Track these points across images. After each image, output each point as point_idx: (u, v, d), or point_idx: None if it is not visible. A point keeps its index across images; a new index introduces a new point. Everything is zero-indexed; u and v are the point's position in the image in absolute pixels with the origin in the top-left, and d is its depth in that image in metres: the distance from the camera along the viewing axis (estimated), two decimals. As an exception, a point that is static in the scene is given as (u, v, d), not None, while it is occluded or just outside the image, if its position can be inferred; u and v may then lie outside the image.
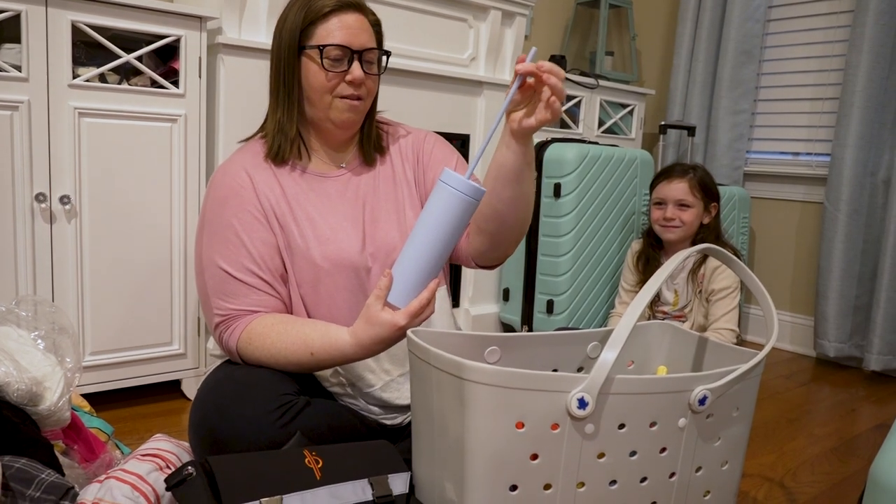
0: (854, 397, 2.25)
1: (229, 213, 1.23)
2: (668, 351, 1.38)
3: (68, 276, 1.61)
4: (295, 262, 1.26)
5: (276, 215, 1.26)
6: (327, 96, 1.24)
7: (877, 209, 2.52)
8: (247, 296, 1.22)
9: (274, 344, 1.19)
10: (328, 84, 1.22)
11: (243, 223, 1.23)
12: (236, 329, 1.22)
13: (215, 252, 1.23)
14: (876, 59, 2.44)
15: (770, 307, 1.18)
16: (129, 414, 1.72)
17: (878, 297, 2.43)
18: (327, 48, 1.20)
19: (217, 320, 1.23)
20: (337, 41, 1.21)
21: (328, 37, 1.21)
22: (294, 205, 1.27)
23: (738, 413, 1.13)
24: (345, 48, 1.21)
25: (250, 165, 1.27)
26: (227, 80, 1.76)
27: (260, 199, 1.25)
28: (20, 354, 1.20)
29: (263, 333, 1.20)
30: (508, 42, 2.39)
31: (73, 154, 1.58)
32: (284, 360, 1.19)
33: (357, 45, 1.22)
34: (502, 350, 1.23)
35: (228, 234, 1.23)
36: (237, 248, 1.22)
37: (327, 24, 1.22)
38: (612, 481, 1.02)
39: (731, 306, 1.98)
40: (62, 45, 1.54)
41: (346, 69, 1.22)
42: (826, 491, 1.54)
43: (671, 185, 2.06)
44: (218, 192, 1.26)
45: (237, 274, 1.21)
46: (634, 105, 2.91)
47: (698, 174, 2.07)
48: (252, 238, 1.23)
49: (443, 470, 1.03)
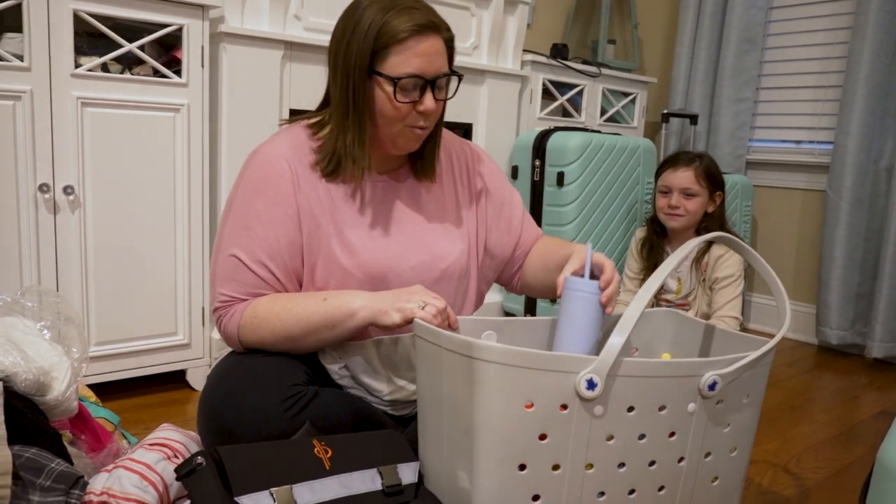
0: (856, 384, 2.26)
1: (260, 203, 1.19)
2: (672, 338, 1.38)
3: (72, 267, 1.61)
4: (327, 266, 1.22)
5: (312, 214, 1.21)
6: (398, 125, 1.17)
7: (879, 197, 2.52)
8: (253, 286, 1.20)
9: (284, 314, 1.16)
10: (398, 114, 1.15)
11: (271, 216, 1.19)
12: (237, 313, 1.19)
13: (234, 238, 1.20)
14: (879, 47, 2.43)
15: (783, 295, 1.18)
16: (133, 404, 1.72)
17: (881, 284, 2.43)
18: (402, 81, 1.12)
19: (217, 304, 1.21)
20: (412, 71, 1.12)
21: (403, 64, 1.12)
22: (335, 207, 1.22)
23: (748, 400, 1.13)
24: (419, 78, 1.13)
25: (294, 157, 1.21)
26: (229, 69, 1.76)
27: (297, 195, 1.20)
28: (27, 345, 1.20)
29: (270, 306, 1.17)
30: (511, 30, 2.38)
31: (77, 144, 1.57)
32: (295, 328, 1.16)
33: (431, 73, 1.14)
34: (498, 334, 1.23)
35: (254, 222, 1.19)
36: (259, 240, 1.18)
37: (404, 50, 1.12)
38: (621, 464, 1.03)
39: (734, 294, 1.98)
40: (64, 35, 1.53)
41: (418, 99, 1.15)
42: (830, 477, 1.54)
43: (677, 173, 2.04)
44: (253, 176, 1.20)
45: (251, 264, 1.19)
46: (636, 93, 2.90)
47: (704, 163, 2.05)
48: (276, 233, 1.19)
49: (452, 455, 1.03)
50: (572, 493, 1.00)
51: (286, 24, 1.86)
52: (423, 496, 1.10)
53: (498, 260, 1.39)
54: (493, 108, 2.36)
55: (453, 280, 1.29)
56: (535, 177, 2.32)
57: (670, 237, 2.12)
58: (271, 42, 1.81)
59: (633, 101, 2.91)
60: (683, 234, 2.08)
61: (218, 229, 1.26)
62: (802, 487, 1.49)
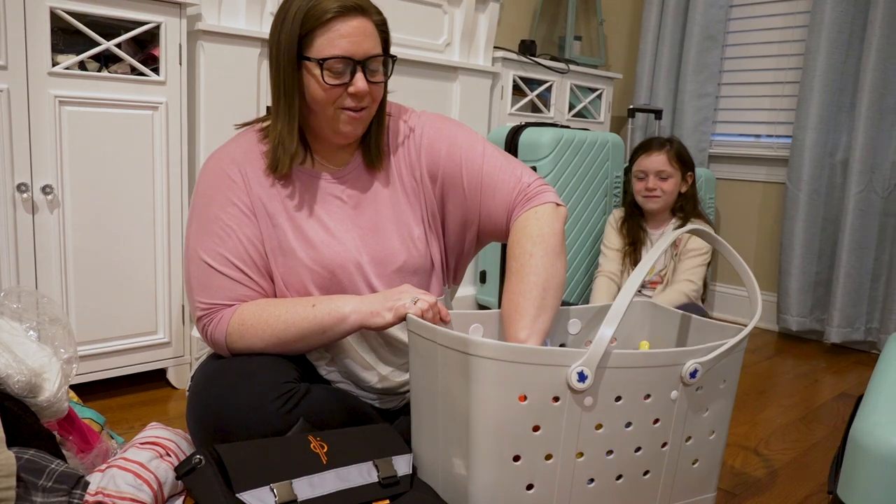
0: (816, 369, 2.36)
1: (216, 207, 1.22)
2: (651, 329, 1.43)
3: (52, 267, 1.59)
4: (287, 263, 1.24)
5: (267, 213, 1.23)
6: (329, 108, 1.18)
7: (835, 189, 2.63)
8: (230, 289, 1.21)
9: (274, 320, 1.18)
10: (329, 97, 1.16)
11: (230, 216, 1.21)
12: (222, 320, 1.21)
13: (200, 245, 1.22)
14: (834, 45, 2.53)
15: (754, 285, 1.24)
16: (115, 404, 1.72)
17: (838, 272, 2.54)
18: (328, 62, 1.13)
19: (199, 314, 1.23)
20: (338, 52, 1.13)
21: (329, 47, 1.13)
22: (289, 205, 1.25)
23: (725, 386, 1.19)
24: (347, 59, 1.13)
25: (244, 159, 1.24)
26: (207, 66, 1.75)
27: (251, 195, 1.23)
28: (15, 346, 1.19)
29: (257, 313, 1.19)
30: (482, 28, 2.42)
31: (55, 143, 1.56)
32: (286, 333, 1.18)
33: (360, 54, 1.14)
34: (484, 327, 1.27)
35: (214, 227, 1.21)
36: (222, 242, 1.21)
37: (328, 32, 1.12)
38: (609, 451, 1.08)
39: (697, 263, 2.12)
40: (41, 33, 1.51)
41: (349, 81, 1.15)
42: (797, 457, 1.62)
43: (651, 157, 2.20)
44: (207, 182, 1.24)
45: (220, 268, 1.21)
46: (603, 89, 2.97)
47: (675, 146, 2.21)
48: (238, 233, 1.21)
49: (447, 445, 1.06)
50: (564, 481, 1.05)
51: (263, 21, 1.86)
52: (418, 486, 1.13)
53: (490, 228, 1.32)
54: (466, 104, 2.39)
55: (414, 270, 1.31)
56: (508, 172, 2.36)
57: (648, 218, 2.27)
58: (248, 39, 1.81)
59: (600, 97, 2.98)
60: (661, 215, 2.24)
61: (185, 237, 1.28)
62: (772, 468, 1.56)
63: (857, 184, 2.49)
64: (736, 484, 1.47)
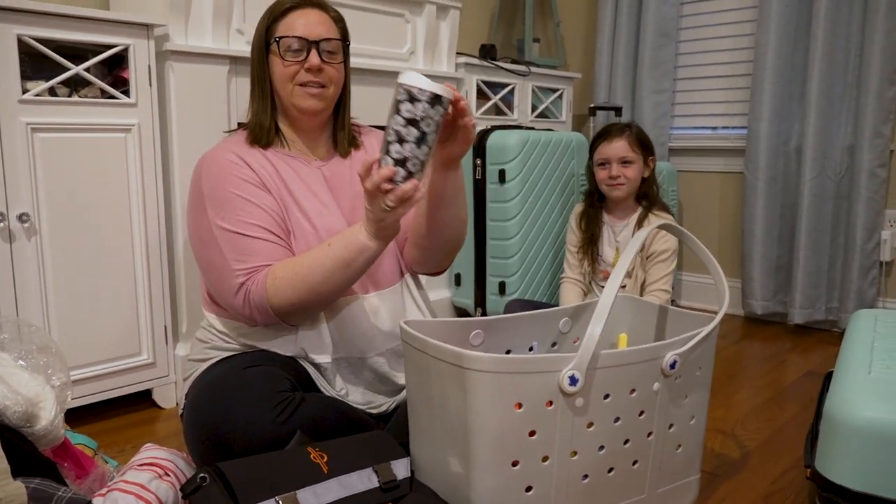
0: (782, 350, 2.46)
1: (229, 186, 1.28)
2: (630, 322, 1.49)
3: (31, 295, 1.59)
4: (295, 227, 1.32)
5: (269, 189, 1.32)
6: (289, 84, 1.33)
7: (791, 175, 2.73)
8: (264, 251, 1.27)
9: (299, 266, 1.23)
10: (287, 72, 1.32)
11: (244, 190, 1.29)
12: (258, 281, 1.24)
13: (223, 219, 1.27)
14: (782, 38, 2.64)
15: (720, 276, 1.30)
16: (103, 427, 1.72)
17: (797, 255, 2.64)
18: (284, 39, 1.32)
19: (240, 280, 1.25)
20: (294, 32, 1.32)
21: (287, 29, 1.32)
22: (287, 181, 1.34)
23: (701, 372, 1.25)
24: (302, 39, 1.31)
25: (238, 149, 1.34)
26: (177, 86, 1.76)
27: (255, 171, 1.31)
28: (8, 376, 1.19)
29: (285, 265, 1.24)
30: (444, 35, 2.46)
31: (29, 170, 1.56)
32: (311, 273, 1.22)
33: (314, 35, 1.32)
34: (485, 332, 1.32)
35: (233, 201, 1.28)
36: (245, 212, 1.27)
37: (287, 19, 1.33)
38: (601, 447, 1.13)
39: (667, 270, 2.09)
40: (9, 61, 1.50)
41: (305, 58, 1.32)
42: (772, 435, 1.70)
43: (612, 144, 2.12)
44: (211, 171, 1.30)
45: (250, 232, 1.26)
46: (563, 89, 3.03)
47: (634, 130, 2.15)
48: (257, 201, 1.28)
49: (447, 451, 1.10)
50: (560, 481, 1.10)
51: (230, 39, 1.87)
52: (418, 487, 1.17)
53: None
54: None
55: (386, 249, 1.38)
56: (477, 175, 2.41)
57: (611, 206, 2.20)
58: (216, 58, 1.82)
59: (561, 97, 3.04)
60: (625, 202, 2.17)
61: (191, 228, 1.33)
62: (749, 447, 1.63)
63: (811, 170, 2.60)
64: (717, 465, 1.54)
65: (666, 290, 2.09)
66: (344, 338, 1.34)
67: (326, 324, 1.33)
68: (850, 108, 2.58)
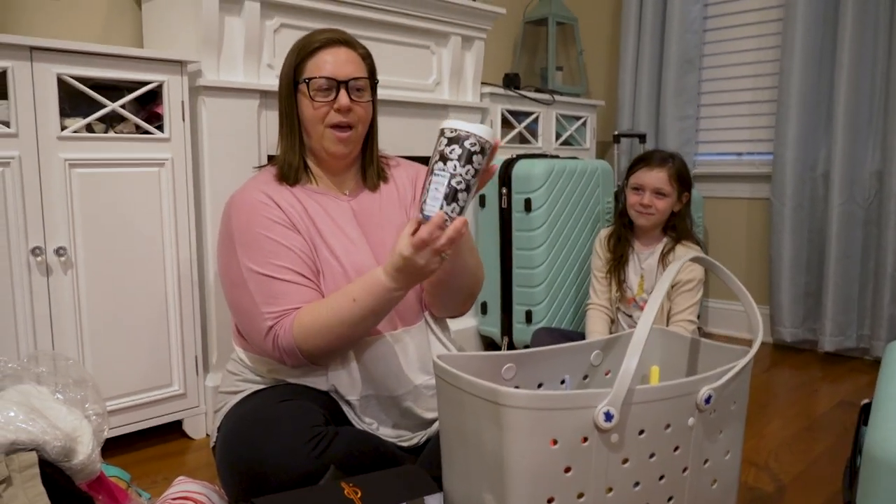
0: (813, 378, 2.42)
1: (258, 227, 1.29)
2: (661, 354, 1.48)
3: (67, 327, 1.62)
4: (324, 271, 1.32)
5: (299, 229, 1.32)
6: (319, 126, 1.34)
7: (818, 201, 2.71)
8: (294, 294, 1.27)
9: (325, 314, 1.24)
10: (317, 114, 1.33)
11: (274, 232, 1.29)
12: (286, 326, 1.25)
13: (253, 261, 1.28)
14: (807, 64, 2.63)
15: (753, 308, 1.29)
16: (134, 459, 1.73)
17: (827, 282, 2.61)
18: (314, 80, 1.31)
19: (269, 324, 1.26)
20: (323, 73, 1.31)
21: (316, 69, 1.32)
22: (316, 220, 1.34)
23: (735, 406, 1.24)
24: (330, 79, 1.31)
25: (266, 187, 1.35)
26: (209, 121, 1.80)
27: (284, 211, 1.32)
28: (46, 411, 1.21)
29: (312, 311, 1.25)
30: (469, 65, 2.49)
31: (66, 205, 1.59)
32: (339, 323, 1.23)
33: (343, 75, 1.32)
34: (516, 366, 1.31)
35: (263, 243, 1.28)
36: (275, 253, 1.28)
37: (316, 58, 1.33)
38: (636, 483, 1.11)
39: (693, 300, 2.06)
40: (49, 99, 1.55)
41: (334, 98, 1.32)
42: (807, 469, 1.67)
43: (651, 172, 2.08)
44: (240, 211, 1.31)
45: (279, 275, 1.27)
46: (586, 116, 3.04)
47: (676, 164, 2.10)
48: (287, 242, 1.29)
49: (481, 486, 1.10)
50: (596, 515, 1.08)
51: (260, 73, 1.91)
52: (452, 524, 1.16)
53: None
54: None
55: None
56: (503, 204, 2.42)
57: (638, 232, 2.17)
58: (247, 92, 1.86)
59: (584, 125, 3.05)
60: (650, 231, 2.14)
61: (222, 269, 1.34)
62: (784, 480, 1.61)
63: (839, 196, 2.57)
64: (751, 499, 1.51)
65: (692, 321, 2.06)
66: (374, 377, 1.35)
67: (356, 362, 1.33)
68: (878, 133, 2.56)
